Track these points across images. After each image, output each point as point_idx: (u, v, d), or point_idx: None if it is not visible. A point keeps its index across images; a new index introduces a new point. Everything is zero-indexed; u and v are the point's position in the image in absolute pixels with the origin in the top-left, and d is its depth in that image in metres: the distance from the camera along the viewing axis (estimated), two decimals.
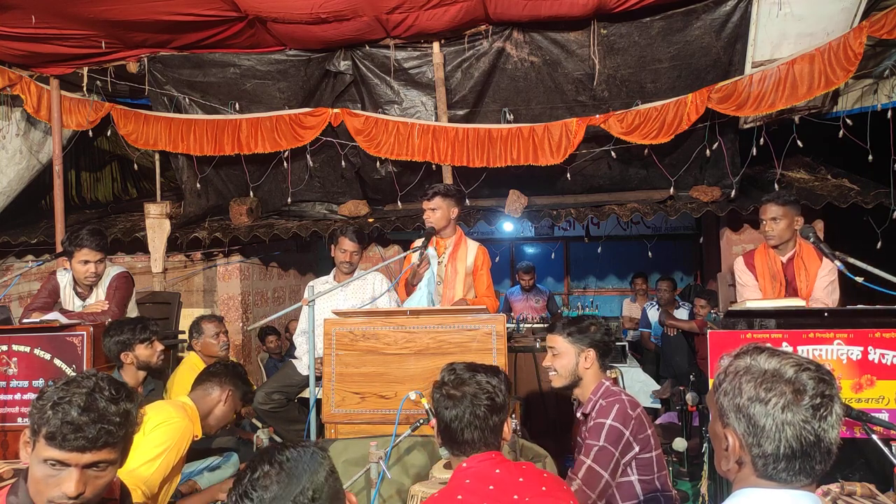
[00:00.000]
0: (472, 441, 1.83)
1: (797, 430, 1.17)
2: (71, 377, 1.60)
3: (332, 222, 5.82)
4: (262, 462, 1.30)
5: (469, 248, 3.74)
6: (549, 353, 2.61)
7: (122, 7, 4.30)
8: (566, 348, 2.54)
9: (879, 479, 2.48)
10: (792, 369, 1.21)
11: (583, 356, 2.52)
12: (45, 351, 3.30)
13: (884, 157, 4.67)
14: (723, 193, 5.29)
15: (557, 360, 2.56)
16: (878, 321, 2.76)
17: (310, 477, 1.28)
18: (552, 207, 5.67)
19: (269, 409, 4.09)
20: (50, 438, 1.48)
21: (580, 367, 2.52)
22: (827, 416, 1.18)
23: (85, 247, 3.67)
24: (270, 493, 1.25)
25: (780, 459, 1.18)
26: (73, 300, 3.87)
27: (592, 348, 2.52)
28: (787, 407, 1.18)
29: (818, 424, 1.17)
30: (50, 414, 1.49)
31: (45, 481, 1.49)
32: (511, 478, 1.78)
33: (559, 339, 2.56)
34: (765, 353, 1.25)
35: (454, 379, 1.90)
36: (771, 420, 1.18)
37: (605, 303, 8.77)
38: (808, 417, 1.17)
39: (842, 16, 4.35)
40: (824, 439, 1.18)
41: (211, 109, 5.47)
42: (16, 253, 6.36)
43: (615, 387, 2.53)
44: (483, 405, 1.83)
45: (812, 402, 1.18)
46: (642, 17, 4.67)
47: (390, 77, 5.18)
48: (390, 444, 2.53)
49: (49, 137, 5.71)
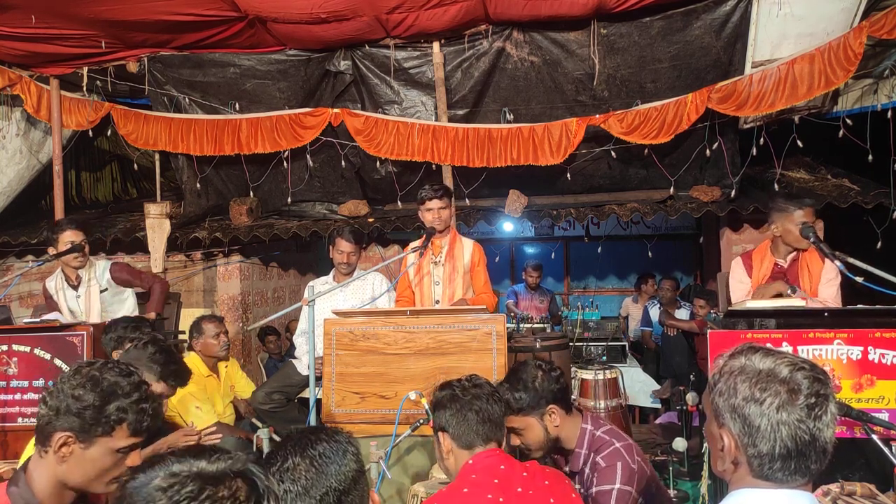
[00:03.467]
0: (479, 435, 1.89)
1: (792, 429, 1.17)
2: (89, 372, 1.62)
3: (332, 222, 5.82)
4: (294, 453, 1.30)
5: (465, 245, 3.75)
6: (512, 434, 2.28)
7: (122, 7, 4.30)
8: (526, 422, 2.24)
9: (879, 479, 2.48)
10: (787, 369, 1.21)
11: (546, 418, 2.24)
12: (45, 351, 3.30)
13: (884, 157, 4.67)
14: (723, 193, 5.29)
15: (525, 437, 2.27)
16: (878, 321, 2.76)
17: (337, 477, 1.28)
18: (552, 207, 5.67)
19: (269, 409, 4.10)
20: (133, 430, 1.62)
21: (550, 429, 2.25)
22: (822, 415, 1.18)
23: (66, 229, 3.87)
24: (298, 486, 1.26)
25: (776, 459, 1.18)
26: (66, 294, 3.93)
27: (552, 403, 2.23)
28: (782, 407, 1.18)
29: (813, 424, 1.18)
30: (116, 408, 1.59)
31: (114, 466, 1.62)
32: (515, 472, 1.84)
33: (514, 418, 2.23)
34: (759, 353, 1.25)
35: (460, 380, 1.98)
36: (766, 420, 1.18)
37: (605, 303, 8.76)
38: (802, 417, 1.17)
39: (842, 16, 4.35)
40: (819, 438, 1.18)
41: (211, 109, 5.47)
42: (16, 253, 6.36)
43: (599, 429, 2.27)
44: (490, 403, 1.90)
45: (807, 401, 1.18)
46: (642, 17, 4.67)
47: (390, 77, 5.18)
48: (390, 444, 2.54)
49: (49, 137, 5.71)
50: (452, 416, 1.92)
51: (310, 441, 1.32)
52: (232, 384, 4.36)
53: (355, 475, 1.31)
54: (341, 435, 1.37)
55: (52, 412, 1.57)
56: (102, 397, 1.58)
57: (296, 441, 1.33)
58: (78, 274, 3.99)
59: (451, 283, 3.66)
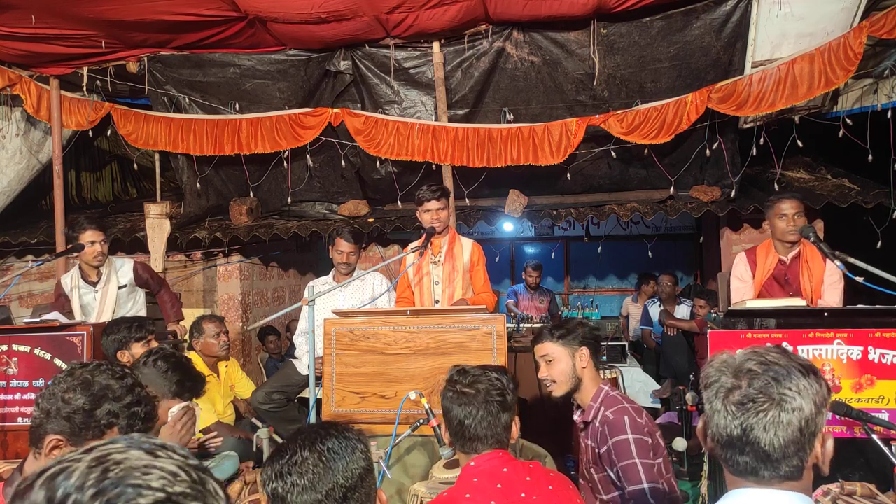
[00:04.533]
0: (482, 438, 1.85)
1: (725, 420, 1.19)
2: (81, 374, 1.60)
3: (332, 222, 5.82)
4: (303, 447, 1.31)
5: (464, 245, 3.75)
6: (541, 363, 2.54)
7: (122, 7, 4.30)
8: (559, 352, 2.49)
9: (879, 479, 2.48)
10: (752, 363, 1.20)
11: (577, 356, 2.47)
12: (45, 351, 3.30)
13: (884, 157, 4.67)
14: (723, 193, 5.29)
15: (553, 368, 2.50)
16: (878, 321, 2.76)
17: (344, 473, 1.29)
18: (552, 207, 5.67)
19: (269, 409, 4.10)
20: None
21: (577, 368, 2.47)
22: (761, 414, 1.16)
23: (88, 228, 3.93)
24: (305, 480, 1.27)
25: (718, 447, 1.22)
26: (80, 290, 3.99)
27: (585, 346, 2.48)
28: (720, 395, 1.20)
29: (745, 419, 1.17)
30: (106, 412, 1.59)
31: None
32: (518, 476, 1.80)
33: (549, 345, 2.51)
34: (755, 348, 1.26)
35: (466, 376, 1.93)
36: (709, 405, 1.22)
37: (605, 303, 8.77)
38: (735, 412, 1.18)
39: (842, 16, 4.35)
40: (751, 437, 1.16)
41: (211, 109, 5.47)
42: (16, 253, 6.36)
43: (614, 391, 2.47)
44: (495, 401, 1.86)
45: (745, 394, 1.17)
46: (642, 17, 4.67)
47: (390, 77, 5.18)
48: (390, 444, 2.53)
49: (49, 137, 5.71)
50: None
51: (319, 436, 1.33)
52: (232, 384, 4.36)
53: (363, 473, 1.32)
54: (352, 432, 1.38)
55: (43, 414, 1.56)
56: (93, 401, 1.56)
57: (306, 436, 1.34)
58: (98, 271, 4.05)
59: (451, 282, 3.66)
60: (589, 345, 2.49)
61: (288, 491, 1.27)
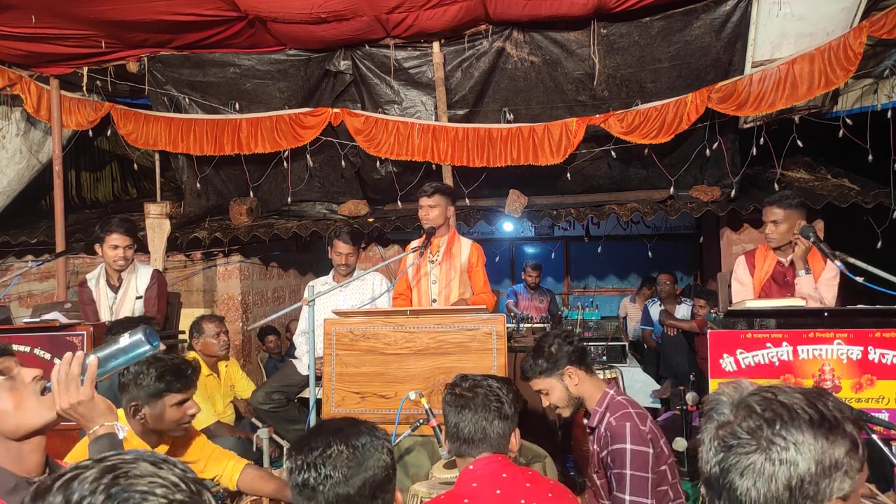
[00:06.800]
0: (475, 442, 1.86)
1: (707, 453, 1.07)
2: None
3: (332, 222, 5.82)
4: (336, 440, 1.31)
5: (463, 245, 3.73)
6: (541, 395, 2.57)
7: (122, 7, 4.30)
8: (548, 384, 2.50)
9: (879, 479, 2.48)
10: (757, 397, 1.05)
11: (566, 378, 2.48)
12: (45, 351, 3.30)
13: (884, 157, 4.67)
14: (723, 193, 5.29)
15: (552, 397, 2.52)
16: (878, 321, 2.75)
17: (374, 470, 1.30)
18: (552, 207, 5.67)
19: (269, 409, 4.10)
20: None
21: (571, 388, 2.48)
22: (742, 457, 1.00)
23: (115, 232, 3.85)
24: (339, 473, 1.27)
25: (703, 484, 1.10)
26: (106, 293, 3.93)
27: (569, 364, 2.47)
28: (711, 427, 1.08)
29: (724, 459, 1.03)
30: None
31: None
32: (518, 482, 1.79)
33: (536, 381, 2.52)
34: (778, 382, 1.18)
35: (466, 381, 1.97)
36: (701, 435, 1.11)
37: (605, 303, 8.76)
38: (717, 449, 1.05)
39: (842, 16, 4.35)
40: (726, 480, 1.02)
41: (211, 109, 5.47)
42: (16, 253, 6.36)
43: (619, 395, 2.48)
44: (492, 408, 1.88)
45: (732, 431, 1.03)
46: (642, 17, 4.67)
47: (390, 77, 5.18)
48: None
49: (49, 137, 5.71)
50: None
51: (352, 432, 1.34)
52: (232, 384, 4.37)
53: (389, 472, 1.34)
54: (379, 430, 1.40)
55: None
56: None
57: (335, 430, 1.35)
58: (120, 276, 3.95)
59: (448, 282, 3.66)
60: (572, 360, 2.47)
61: (321, 482, 1.27)
